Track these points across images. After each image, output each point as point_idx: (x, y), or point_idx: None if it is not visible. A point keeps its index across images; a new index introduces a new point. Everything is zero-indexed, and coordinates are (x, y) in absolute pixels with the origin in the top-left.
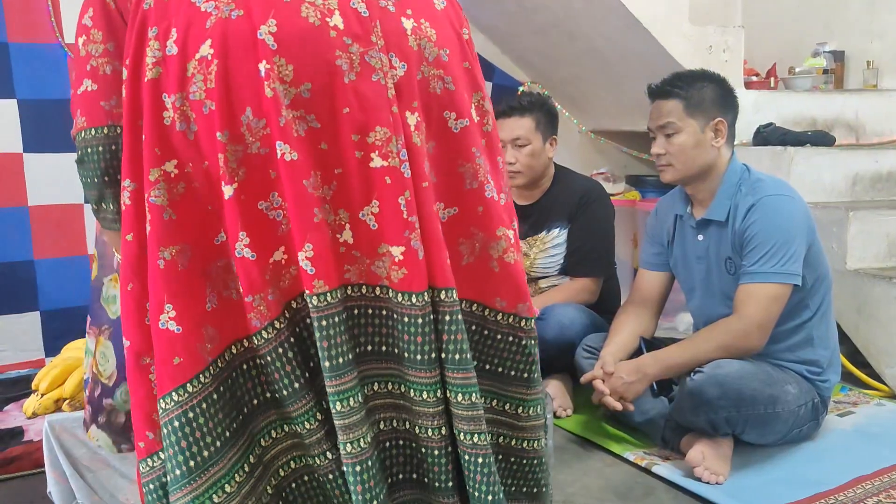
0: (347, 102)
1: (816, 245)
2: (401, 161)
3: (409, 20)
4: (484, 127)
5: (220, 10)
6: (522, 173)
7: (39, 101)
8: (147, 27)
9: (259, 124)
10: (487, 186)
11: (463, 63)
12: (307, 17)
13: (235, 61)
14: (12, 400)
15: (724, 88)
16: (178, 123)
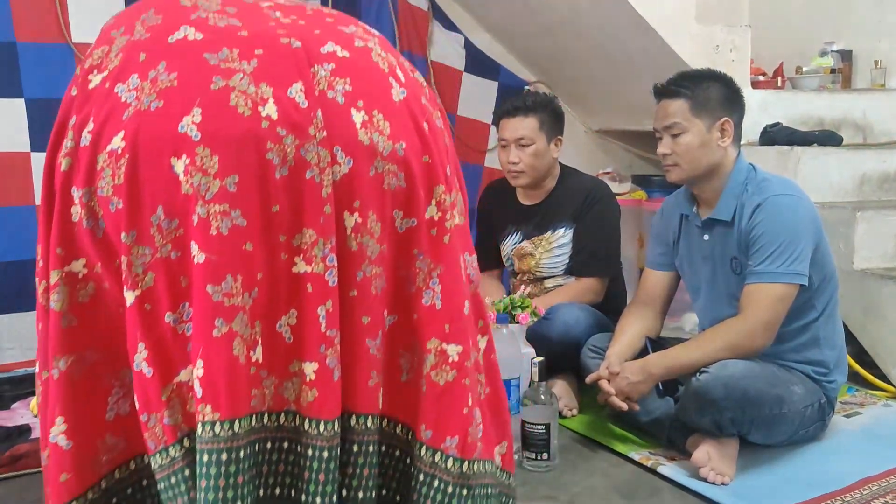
0: (277, 200)
1: (823, 245)
2: (326, 267)
3: (360, 112)
4: (446, 223)
5: (140, 102)
6: (526, 173)
7: (47, 100)
8: (69, 117)
9: (171, 225)
10: (427, 293)
11: (422, 157)
12: (236, 106)
13: (148, 155)
14: (19, 398)
15: (730, 88)
16: (86, 220)
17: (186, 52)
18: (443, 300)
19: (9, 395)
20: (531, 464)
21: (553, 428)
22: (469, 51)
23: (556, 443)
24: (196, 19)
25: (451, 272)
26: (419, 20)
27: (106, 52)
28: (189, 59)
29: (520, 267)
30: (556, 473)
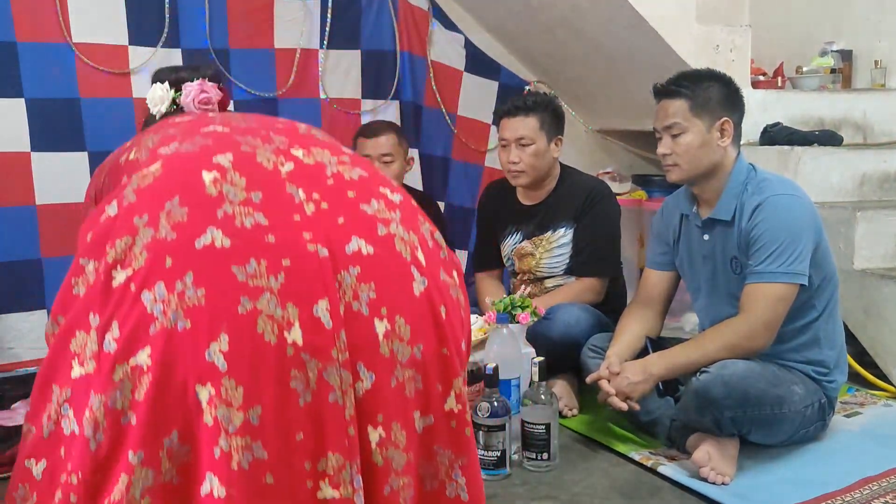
0: (301, 427)
1: (823, 245)
2: (353, 490)
3: (383, 322)
4: (465, 415)
5: (167, 318)
6: (526, 173)
7: (47, 100)
8: (88, 310)
9: (181, 450)
10: (450, 485)
11: (441, 350)
12: (263, 333)
13: (173, 379)
14: (21, 397)
15: (729, 88)
16: (89, 430)
17: (214, 264)
18: (468, 492)
19: (9, 395)
20: (531, 464)
21: (553, 428)
22: (469, 50)
23: (556, 442)
24: (223, 218)
25: (473, 463)
26: (419, 20)
27: (129, 244)
28: (217, 274)
29: (520, 267)
30: (556, 473)
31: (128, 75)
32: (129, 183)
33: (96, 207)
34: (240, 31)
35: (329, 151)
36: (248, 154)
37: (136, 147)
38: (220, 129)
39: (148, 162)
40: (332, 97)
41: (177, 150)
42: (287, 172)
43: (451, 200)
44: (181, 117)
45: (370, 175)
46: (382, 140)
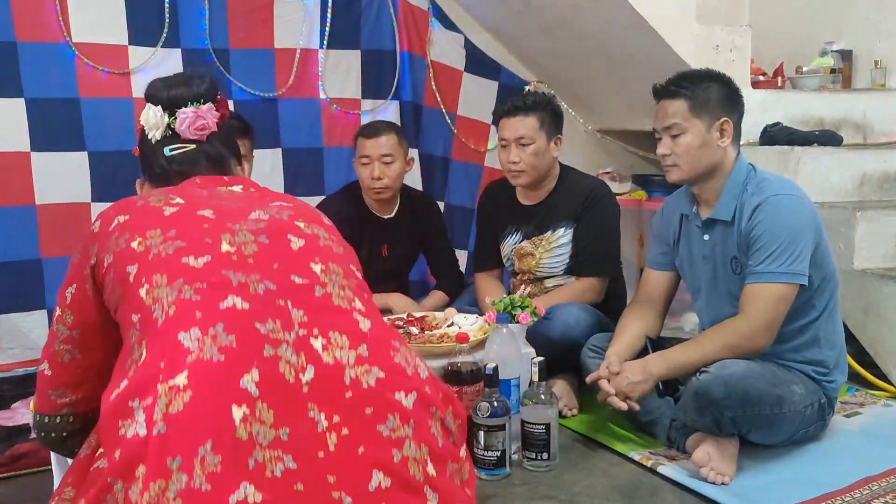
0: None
1: (823, 245)
2: None
3: None
4: None
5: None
6: (526, 172)
7: (47, 100)
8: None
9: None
10: None
11: None
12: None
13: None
14: (20, 397)
15: (729, 88)
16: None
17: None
18: None
19: (9, 395)
20: (531, 463)
21: (553, 428)
22: (469, 50)
23: (556, 442)
24: (254, 468)
25: None
26: (419, 20)
27: (163, 488)
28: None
29: (520, 267)
30: (556, 473)
31: (128, 75)
32: (156, 395)
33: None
34: (240, 31)
35: (349, 339)
36: (272, 364)
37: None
38: (232, 275)
39: (168, 355)
40: (331, 97)
41: (194, 315)
42: (308, 384)
43: (450, 200)
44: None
45: (386, 376)
46: (383, 140)
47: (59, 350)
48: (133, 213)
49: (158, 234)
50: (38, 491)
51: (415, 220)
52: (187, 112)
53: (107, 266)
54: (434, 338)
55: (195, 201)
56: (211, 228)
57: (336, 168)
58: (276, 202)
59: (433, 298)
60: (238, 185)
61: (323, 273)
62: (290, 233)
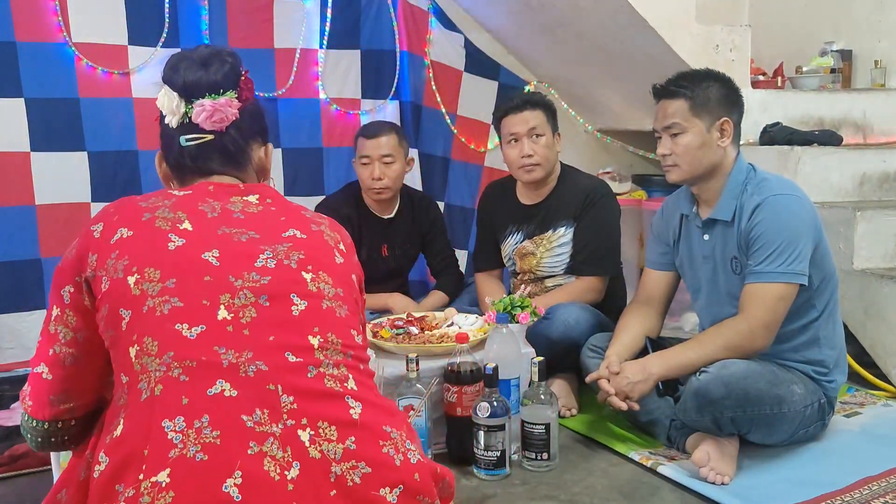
0: None
1: (823, 245)
2: None
3: None
4: None
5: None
6: (541, 165)
7: (47, 100)
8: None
9: None
10: None
11: None
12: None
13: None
14: (18, 398)
15: (729, 87)
16: None
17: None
18: None
19: (9, 395)
20: (531, 463)
21: (553, 428)
22: (469, 50)
23: (555, 442)
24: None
25: None
26: (419, 20)
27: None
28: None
29: (521, 266)
30: (555, 473)
31: (127, 75)
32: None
33: None
34: (239, 31)
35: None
36: (256, 463)
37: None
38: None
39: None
40: (331, 97)
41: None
42: (292, 482)
43: (450, 200)
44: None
45: (373, 471)
46: (383, 141)
47: (61, 353)
48: (137, 232)
49: (157, 280)
50: (38, 492)
51: (415, 220)
52: (204, 105)
53: (104, 292)
54: (434, 338)
55: (203, 233)
56: (212, 283)
57: (336, 168)
58: (290, 231)
59: (433, 298)
60: (255, 194)
61: (320, 348)
62: (294, 292)
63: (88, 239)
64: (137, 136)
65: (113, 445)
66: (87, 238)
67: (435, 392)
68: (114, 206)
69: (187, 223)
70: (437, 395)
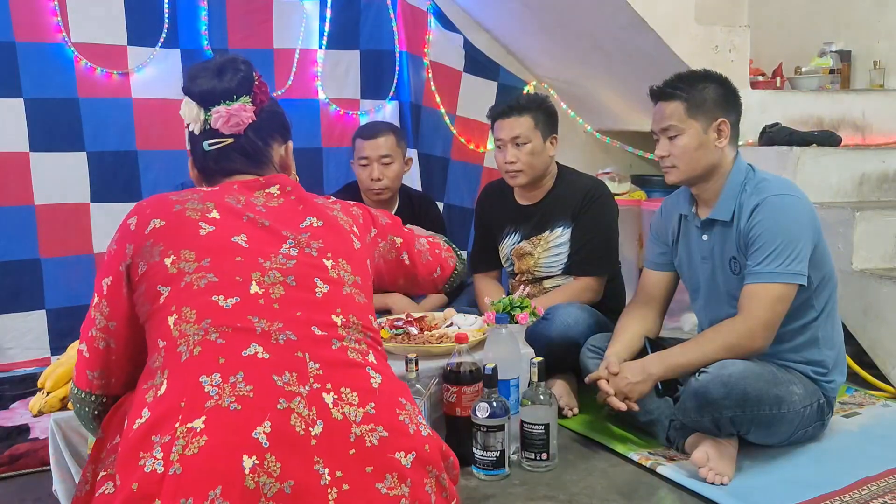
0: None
1: (822, 245)
2: None
3: None
4: None
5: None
6: (524, 172)
7: (46, 100)
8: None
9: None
10: None
11: None
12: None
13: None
14: (19, 398)
15: (726, 88)
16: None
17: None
18: None
19: (8, 395)
20: (530, 464)
21: (552, 428)
22: (468, 51)
23: (555, 443)
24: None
25: None
26: (419, 20)
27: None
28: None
29: (519, 267)
30: (555, 473)
31: (127, 75)
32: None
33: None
34: (238, 32)
35: (359, 396)
36: (284, 417)
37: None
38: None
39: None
40: (331, 97)
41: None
42: (316, 438)
43: (449, 201)
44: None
45: (389, 435)
46: (381, 141)
47: (95, 336)
48: (169, 221)
49: (192, 259)
50: (38, 491)
51: (414, 220)
52: (220, 111)
53: (140, 274)
54: (433, 338)
55: (230, 221)
56: (243, 263)
57: (335, 168)
58: (309, 219)
59: (432, 299)
60: (275, 184)
61: (343, 326)
62: (318, 276)
63: (125, 232)
64: (136, 136)
65: (155, 402)
66: (125, 231)
67: (434, 392)
68: (146, 202)
69: (215, 212)
70: (437, 396)
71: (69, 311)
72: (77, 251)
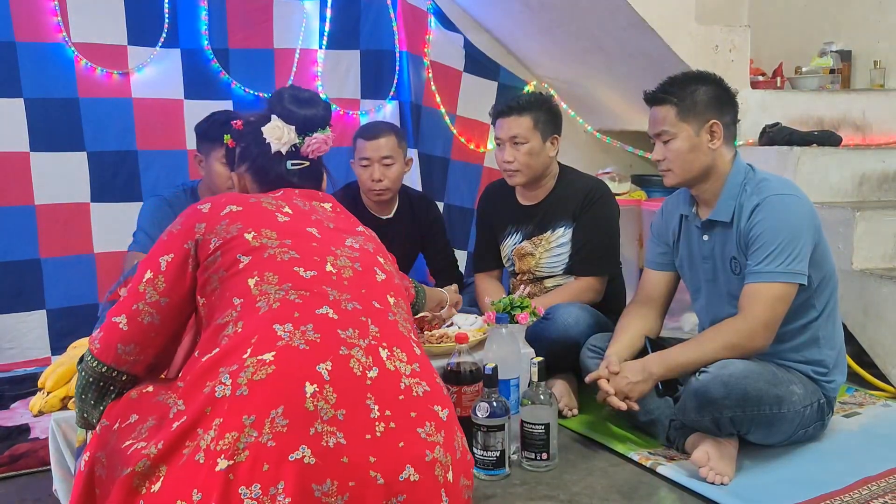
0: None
1: (822, 244)
2: None
3: None
4: None
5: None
6: (521, 172)
7: (46, 100)
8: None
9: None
10: None
11: None
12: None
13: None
14: (19, 398)
15: (719, 89)
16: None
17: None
18: None
19: (9, 395)
20: (530, 464)
21: (552, 428)
22: (469, 51)
23: (555, 443)
24: (314, 435)
25: None
26: (419, 20)
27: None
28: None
29: (520, 267)
30: (555, 473)
31: (127, 75)
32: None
33: None
34: (239, 31)
35: (407, 356)
36: (344, 361)
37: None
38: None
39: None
40: (331, 97)
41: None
42: (371, 380)
43: (450, 201)
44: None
45: (431, 391)
46: (382, 142)
47: (142, 310)
48: (245, 207)
49: (274, 238)
50: (38, 491)
51: (414, 221)
52: (318, 138)
53: (213, 248)
54: (433, 338)
55: (302, 216)
56: (319, 247)
57: (336, 168)
58: (359, 229)
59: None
60: (328, 202)
61: (395, 305)
62: (377, 266)
63: (196, 214)
64: (137, 136)
65: (230, 338)
66: (195, 213)
67: None
68: (219, 196)
69: (287, 208)
70: None
71: (69, 311)
72: (77, 251)
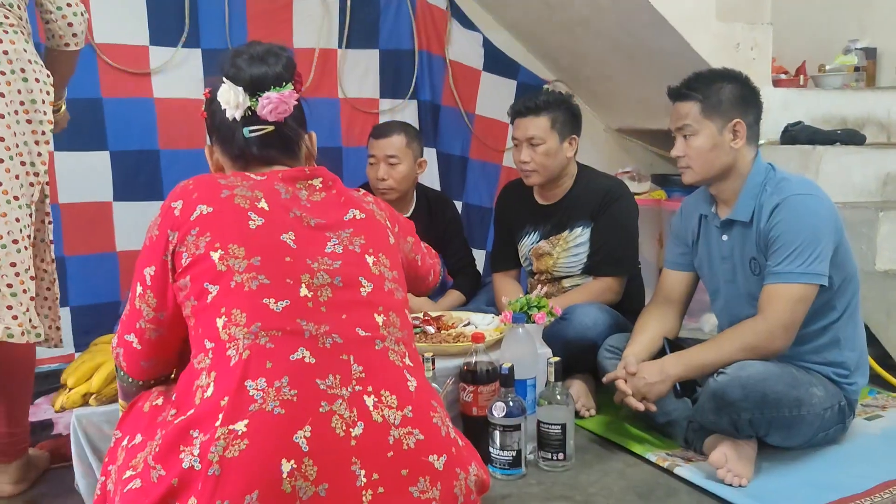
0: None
1: (844, 245)
2: None
3: None
4: None
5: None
6: (538, 172)
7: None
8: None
9: None
10: None
11: None
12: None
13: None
14: (42, 394)
15: (745, 88)
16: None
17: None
18: None
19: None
20: (547, 464)
21: (569, 428)
22: (487, 49)
23: (572, 443)
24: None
25: None
26: (438, 19)
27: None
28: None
29: (538, 267)
30: (571, 473)
31: (148, 75)
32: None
33: None
34: (259, 31)
35: (397, 399)
36: (325, 420)
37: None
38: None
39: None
40: (350, 97)
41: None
42: (356, 439)
43: (468, 200)
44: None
45: (425, 438)
46: (390, 141)
47: (145, 328)
48: (217, 208)
49: (242, 257)
50: (60, 486)
51: (431, 220)
52: (272, 98)
53: (185, 265)
54: (450, 337)
55: (279, 215)
56: (293, 264)
57: (354, 167)
58: (352, 212)
59: (450, 298)
60: (318, 177)
61: (384, 325)
62: (362, 274)
63: (169, 216)
64: (159, 135)
65: (202, 399)
66: (168, 216)
67: (451, 391)
68: (193, 182)
69: (264, 202)
70: (453, 395)
71: (92, 309)
72: (100, 249)
